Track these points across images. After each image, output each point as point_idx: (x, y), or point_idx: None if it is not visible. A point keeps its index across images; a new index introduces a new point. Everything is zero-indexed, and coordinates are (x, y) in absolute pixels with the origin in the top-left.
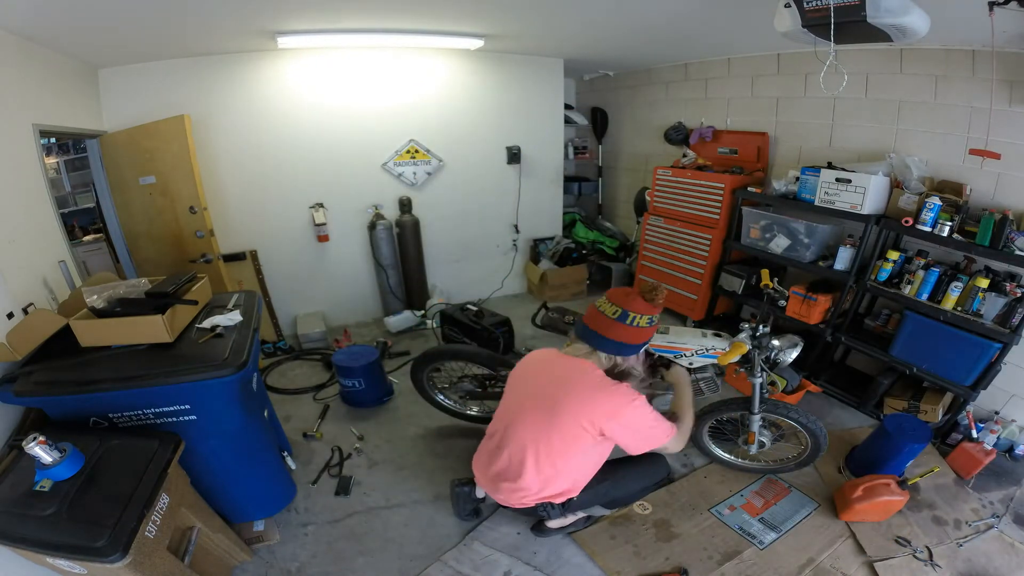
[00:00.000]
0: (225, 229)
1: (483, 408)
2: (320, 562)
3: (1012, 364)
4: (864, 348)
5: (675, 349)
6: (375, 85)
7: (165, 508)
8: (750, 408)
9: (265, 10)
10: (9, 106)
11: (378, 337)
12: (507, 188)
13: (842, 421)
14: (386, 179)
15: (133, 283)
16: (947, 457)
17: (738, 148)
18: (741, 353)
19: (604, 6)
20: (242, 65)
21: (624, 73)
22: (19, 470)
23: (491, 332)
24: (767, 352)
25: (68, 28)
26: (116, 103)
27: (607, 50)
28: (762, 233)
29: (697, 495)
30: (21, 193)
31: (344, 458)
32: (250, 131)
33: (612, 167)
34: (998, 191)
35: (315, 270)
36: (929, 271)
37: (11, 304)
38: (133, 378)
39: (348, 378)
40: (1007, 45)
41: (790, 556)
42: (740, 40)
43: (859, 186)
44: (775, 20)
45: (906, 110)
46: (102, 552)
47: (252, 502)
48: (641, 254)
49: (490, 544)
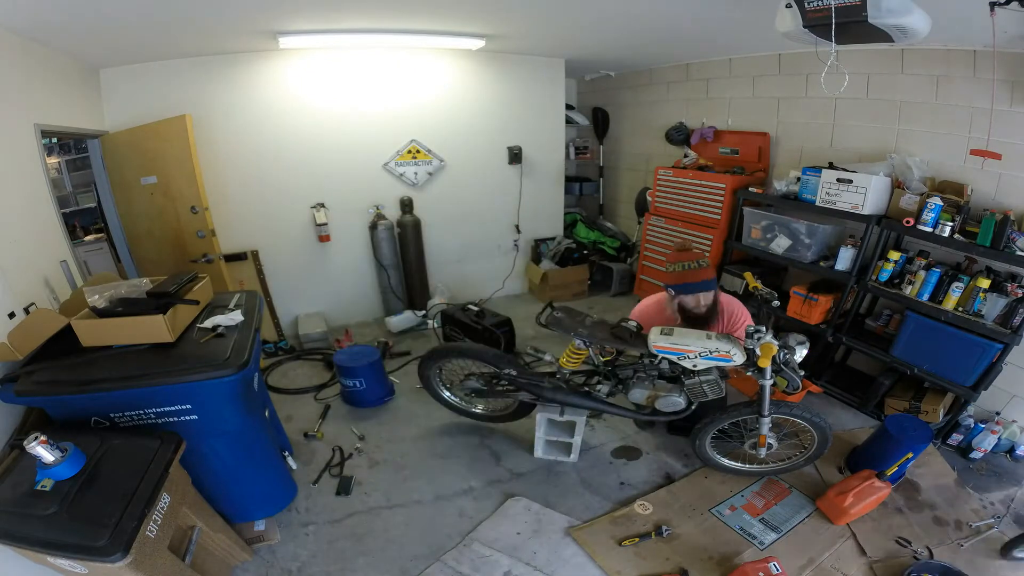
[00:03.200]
0: (226, 229)
1: (488, 406)
2: (321, 562)
3: (1013, 365)
4: (865, 348)
5: (679, 351)
6: (376, 85)
7: (166, 508)
8: (760, 411)
9: (267, 10)
10: (11, 106)
11: (379, 337)
12: (508, 188)
13: (843, 422)
14: (387, 179)
15: (134, 283)
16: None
17: (739, 148)
18: (772, 354)
19: (605, 6)
20: (243, 65)
21: (625, 73)
22: (20, 469)
23: (492, 332)
24: (783, 352)
25: (70, 28)
26: (118, 103)
27: (608, 50)
28: (763, 233)
29: (698, 495)
30: (23, 193)
31: (345, 458)
32: (251, 131)
33: (613, 167)
34: (999, 191)
35: (316, 270)
36: (930, 271)
37: (13, 304)
38: (134, 378)
39: (349, 378)
40: (1008, 45)
41: (790, 557)
42: (741, 40)
43: (860, 186)
44: (776, 20)
45: (907, 110)
46: (103, 551)
47: (253, 502)
48: (642, 254)
49: (490, 544)
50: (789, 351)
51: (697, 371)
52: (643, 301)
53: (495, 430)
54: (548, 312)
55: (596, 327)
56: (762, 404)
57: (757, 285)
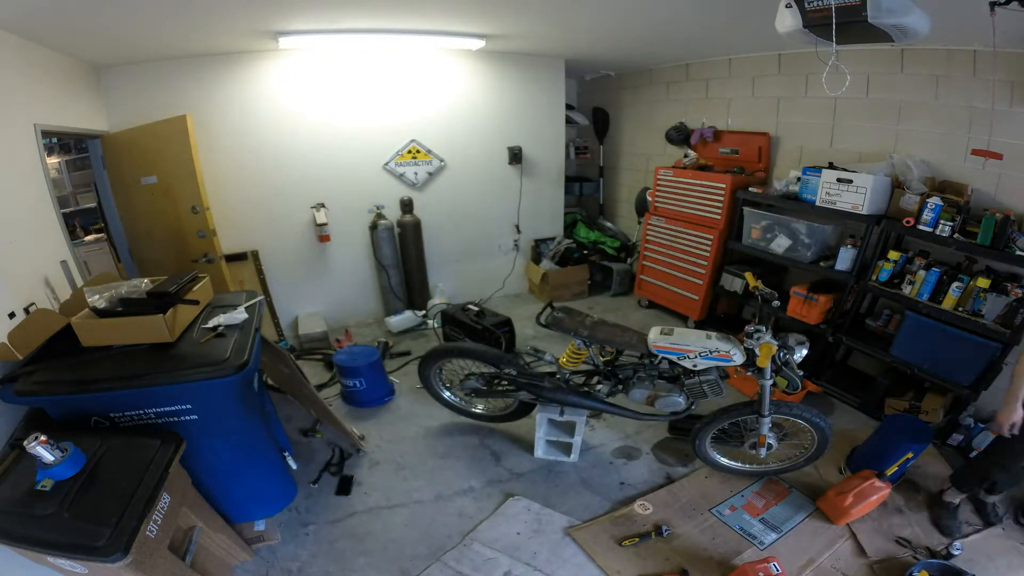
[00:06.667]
0: (227, 229)
1: (488, 406)
2: (321, 562)
3: (1013, 364)
4: (865, 348)
5: (678, 351)
6: (377, 85)
7: (166, 508)
8: (760, 411)
9: (267, 10)
10: (11, 107)
11: (379, 337)
12: (508, 188)
13: (843, 422)
14: (387, 179)
15: (134, 283)
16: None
17: (739, 148)
18: (772, 354)
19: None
20: (244, 65)
21: (625, 73)
22: (20, 470)
23: (492, 332)
24: (782, 352)
25: (70, 28)
26: (118, 103)
27: (608, 50)
28: (763, 233)
29: (698, 495)
30: (23, 193)
31: (345, 458)
32: (252, 131)
33: (613, 167)
34: (999, 191)
35: (316, 270)
36: (930, 271)
37: (13, 304)
38: (134, 378)
39: (349, 378)
40: (1008, 45)
41: (791, 557)
42: (741, 40)
43: (860, 186)
44: (776, 20)
45: (907, 110)
46: (103, 551)
47: (253, 502)
48: (642, 254)
49: (490, 544)
50: (788, 351)
51: (697, 371)
52: None
53: (495, 430)
54: (548, 312)
55: (596, 327)
56: (762, 404)
57: (757, 285)
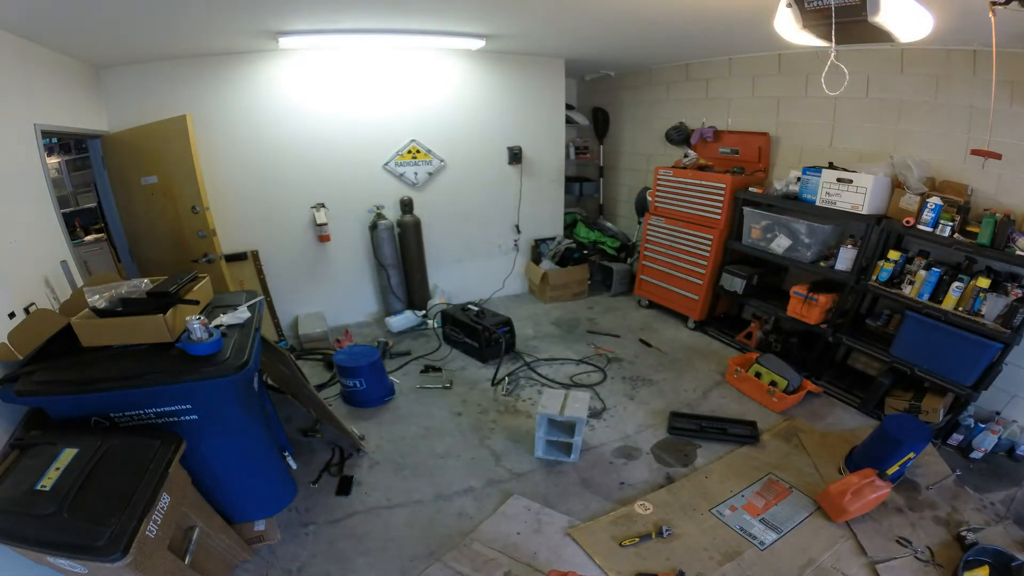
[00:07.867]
0: (227, 229)
1: None
2: (321, 562)
3: (1013, 364)
4: (865, 348)
5: None
6: (376, 85)
7: (166, 508)
8: None
9: (267, 10)
10: (11, 106)
11: (379, 337)
12: (508, 188)
13: (843, 421)
14: (387, 179)
15: (135, 283)
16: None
17: (739, 148)
18: None
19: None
20: (244, 65)
21: (625, 73)
22: (20, 470)
23: (492, 332)
24: None
25: (70, 28)
26: (118, 103)
27: (608, 50)
28: (763, 233)
29: (698, 496)
30: (23, 193)
31: (345, 458)
32: (252, 131)
33: (613, 167)
34: (999, 191)
35: (316, 270)
36: (930, 271)
37: (13, 304)
38: (134, 378)
39: (349, 378)
40: (1008, 45)
41: (791, 557)
42: (741, 40)
43: (860, 186)
44: (776, 20)
45: (907, 110)
46: (103, 551)
47: (253, 502)
48: (642, 254)
49: (490, 544)
50: None
51: None
52: None
53: (495, 430)
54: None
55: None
56: None
57: None
